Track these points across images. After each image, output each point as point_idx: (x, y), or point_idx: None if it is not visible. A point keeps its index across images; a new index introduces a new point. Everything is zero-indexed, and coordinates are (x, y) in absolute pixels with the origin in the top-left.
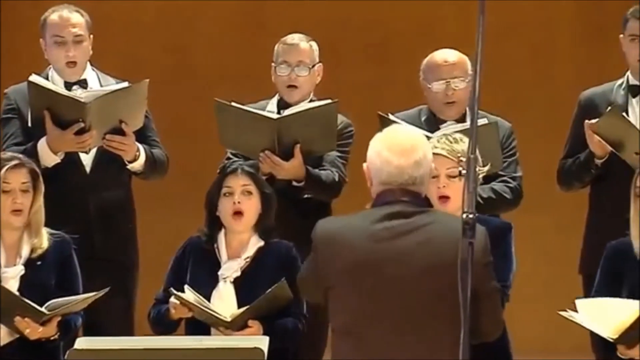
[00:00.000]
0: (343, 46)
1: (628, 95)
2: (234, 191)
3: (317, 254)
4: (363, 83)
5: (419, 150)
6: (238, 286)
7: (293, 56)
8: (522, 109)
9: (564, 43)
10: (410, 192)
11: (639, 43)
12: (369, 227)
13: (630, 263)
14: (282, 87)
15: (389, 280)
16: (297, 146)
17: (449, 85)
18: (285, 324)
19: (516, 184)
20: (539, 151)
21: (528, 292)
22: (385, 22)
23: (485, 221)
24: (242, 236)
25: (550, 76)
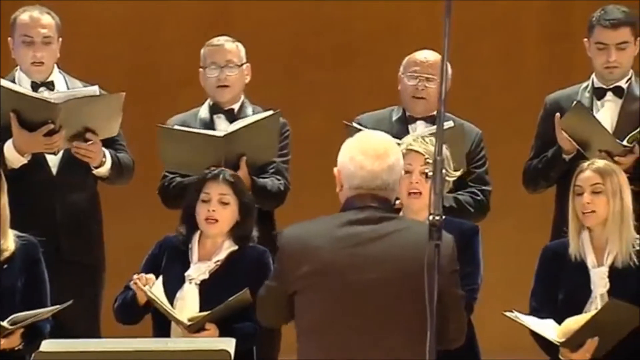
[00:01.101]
0: (309, 47)
1: (593, 98)
2: (211, 199)
3: (283, 261)
4: (329, 84)
5: (392, 155)
6: (203, 289)
7: (221, 56)
8: (489, 111)
9: (531, 45)
10: (379, 198)
11: (606, 51)
12: (337, 232)
13: (566, 265)
14: (212, 89)
15: (355, 285)
16: (242, 158)
17: (421, 81)
18: (244, 328)
19: (483, 197)
20: (505, 153)
21: (494, 293)
22: (351, 23)
23: (453, 224)
24: (216, 239)
25: (516, 78)
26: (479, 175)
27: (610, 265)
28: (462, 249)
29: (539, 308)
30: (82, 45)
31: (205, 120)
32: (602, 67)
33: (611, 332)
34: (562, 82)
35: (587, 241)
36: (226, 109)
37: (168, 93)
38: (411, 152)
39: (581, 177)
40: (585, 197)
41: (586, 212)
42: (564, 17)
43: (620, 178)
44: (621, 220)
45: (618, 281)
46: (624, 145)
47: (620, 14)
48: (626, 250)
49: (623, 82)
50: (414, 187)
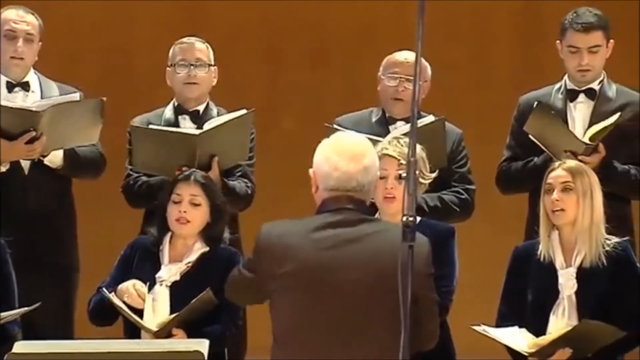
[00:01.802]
0: (283, 48)
1: (566, 100)
2: (182, 200)
3: (260, 257)
4: (304, 85)
5: (368, 156)
6: (174, 290)
7: (191, 54)
8: (461, 113)
9: (503, 47)
10: (355, 200)
11: (578, 54)
12: (313, 233)
13: (535, 266)
14: (180, 85)
15: (332, 287)
16: (214, 159)
17: (401, 82)
18: (212, 331)
19: (468, 196)
20: (478, 155)
21: (469, 295)
22: (325, 24)
23: (429, 225)
24: (187, 241)
25: (489, 80)
26: (462, 174)
27: (579, 266)
28: (437, 250)
29: (507, 312)
30: (56, 46)
31: (170, 121)
32: (574, 70)
33: (584, 346)
34: (535, 83)
35: (556, 242)
36: (191, 110)
37: (142, 94)
38: (385, 156)
39: (552, 175)
40: (554, 194)
41: (556, 209)
42: (536, 19)
43: (592, 178)
44: (591, 220)
45: (586, 282)
46: (585, 143)
47: (592, 18)
48: (595, 251)
49: (595, 84)
50: (389, 192)
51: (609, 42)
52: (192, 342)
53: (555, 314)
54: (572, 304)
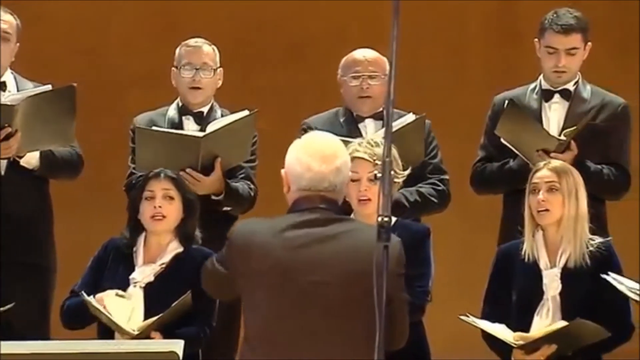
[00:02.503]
0: (258, 48)
1: (541, 100)
2: (155, 195)
3: (231, 252)
4: (279, 86)
5: (340, 156)
6: (148, 292)
7: (197, 58)
8: (437, 112)
9: (478, 46)
10: (328, 200)
11: (555, 55)
12: (285, 232)
13: (519, 266)
14: (185, 89)
15: (304, 286)
16: (217, 160)
17: (365, 80)
18: (186, 333)
19: (444, 187)
20: (453, 153)
21: (445, 292)
22: (301, 24)
23: (405, 226)
24: (161, 240)
25: (463, 79)
26: (436, 165)
27: (563, 266)
28: (413, 251)
29: (491, 312)
30: (31, 47)
31: (173, 120)
32: (550, 71)
33: (570, 344)
34: (509, 83)
35: (540, 242)
36: (195, 111)
37: (116, 94)
38: (357, 159)
39: (537, 176)
40: (540, 194)
41: (541, 210)
42: (510, 19)
43: (577, 178)
44: (576, 220)
45: (570, 283)
46: (558, 139)
47: (572, 20)
48: (580, 251)
49: (570, 84)
50: (363, 194)
51: (587, 45)
52: (168, 343)
53: (540, 315)
54: (556, 304)
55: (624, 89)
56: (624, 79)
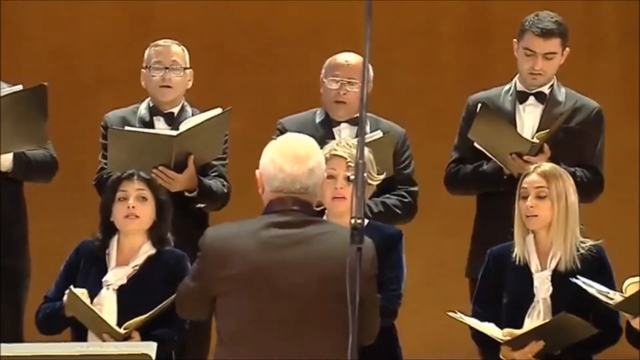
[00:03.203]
0: (231, 50)
1: (515, 102)
2: (129, 196)
3: (206, 261)
4: (252, 87)
5: (313, 158)
6: (121, 294)
7: (166, 57)
8: (410, 114)
9: (450, 47)
10: (301, 202)
11: (533, 58)
12: (261, 234)
13: (510, 268)
14: (155, 88)
15: (279, 288)
16: (190, 157)
17: (343, 85)
18: (160, 335)
19: (411, 199)
20: (426, 156)
21: (418, 295)
22: (273, 26)
23: (377, 229)
24: (134, 243)
25: (437, 81)
26: (406, 176)
27: (554, 269)
28: (386, 253)
29: (482, 312)
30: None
31: (144, 119)
32: (526, 73)
33: (558, 340)
34: (482, 84)
35: (531, 245)
36: (166, 112)
37: (88, 95)
38: (334, 156)
39: (527, 180)
40: (529, 200)
41: (530, 215)
42: (482, 20)
43: (567, 182)
44: (566, 224)
45: (560, 285)
46: (531, 142)
47: (552, 24)
48: (570, 254)
49: (546, 87)
50: (338, 192)
51: (565, 50)
52: (141, 345)
53: (531, 317)
54: (547, 307)
55: (595, 91)
56: (595, 81)
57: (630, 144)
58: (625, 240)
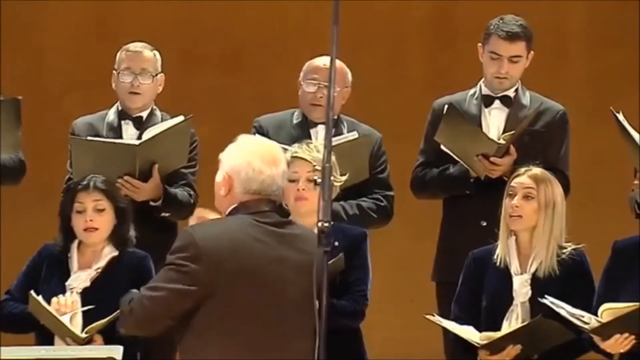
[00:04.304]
0: (196, 52)
1: (481, 105)
2: (86, 208)
3: (202, 260)
4: (218, 90)
5: (283, 161)
6: (85, 297)
7: (137, 63)
8: (375, 117)
9: (415, 50)
10: (273, 202)
11: (499, 62)
12: (253, 233)
13: (490, 271)
14: (124, 94)
15: (276, 286)
16: (155, 166)
17: (320, 89)
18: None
19: (387, 203)
20: (392, 158)
21: (382, 297)
22: (238, 30)
23: (341, 230)
24: (96, 246)
25: (401, 83)
26: (382, 180)
27: (533, 273)
28: (350, 254)
29: (461, 315)
30: None
31: (112, 125)
32: (492, 76)
33: (535, 344)
34: (446, 87)
35: (512, 247)
36: (134, 116)
37: (53, 98)
38: (297, 159)
39: (516, 181)
40: (515, 200)
41: (513, 215)
42: (447, 23)
43: (556, 189)
44: (550, 230)
45: (540, 289)
46: (497, 143)
47: (518, 28)
48: (551, 259)
49: (511, 91)
50: (300, 193)
51: (530, 54)
52: (106, 349)
53: (509, 320)
54: (525, 310)
55: (557, 94)
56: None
57: (598, 147)
58: (591, 244)
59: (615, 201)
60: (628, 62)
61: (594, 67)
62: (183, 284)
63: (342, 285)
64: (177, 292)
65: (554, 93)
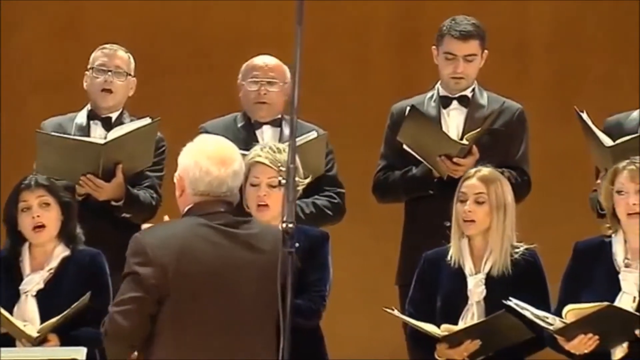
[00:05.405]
0: (159, 54)
1: (439, 107)
2: (32, 205)
3: (154, 263)
4: (182, 92)
5: (236, 160)
6: (40, 299)
7: (111, 61)
8: (338, 118)
9: (378, 51)
10: (227, 203)
11: (454, 62)
12: (204, 235)
13: (444, 271)
14: (97, 92)
15: (232, 288)
16: (118, 166)
17: (263, 85)
18: (82, 334)
19: (339, 200)
20: (355, 160)
21: (345, 298)
22: (205, 31)
23: (303, 231)
24: (47, 247)
25: (365, 85)
26: (332, 177)
27: (488, 272)
28: (311, 255)
29: (416, 315)
30: None
31: (81, 125)
32: (448, 77)
33: (494, 340)
34: (411, 90)
35: (465, 248)
36: (103, 116)
37: (18, 99)
38: (257, 164)
39: (466, 184)
40: (467, 205)
41: (467, 220)
42: (411, 24)
43: (505, 187)
44: (503, 231)
45: (494, 288)
46: (460, 143)
47: (470, 27)
48: (504, 258)
49: (468, 91)
50: (262, 199)
51: (484, 52)
52: (70, 350)
53: (464, 320)
54: (481, 309)
55: (520, 94)
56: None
57: (561, 147)
58: (555, 244)
59: (579, 201)
60: (590, 62)
61: (556, 67)
62: (142, 292)
63: (301, 285)
64: (140, 300)
65: (516, 93)
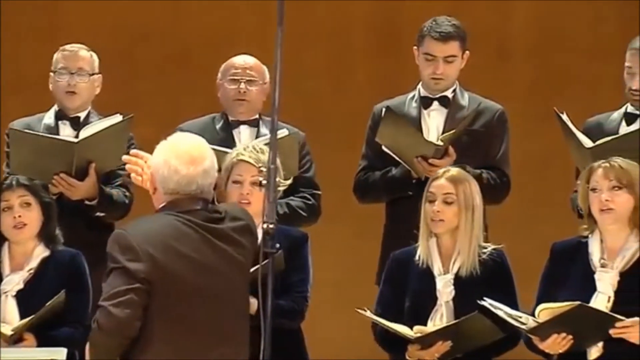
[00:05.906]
0: (140, 53)
1: (420, 107)
2: (13, 204)
3: (141, 258)
4: (161, 92)
5: (207, 159)
6: (20, 299)
7: (73, 62)
8: (319, 119)
9: (359, 52)
10: (202, 199)
11: (434, 63)
12: (178, 231)
13: (413, 272)
14: (61, 94)
15: (211, 284)
16: (92, 165)
17: (243, 83)
18: (59, 334)
19: (314, 201)
20: (335, 160)
21: (325, 297)
22: (184, 31)
23: (283, 232)
24: (26, 247)
25: (345, 86)
26: (308, 179)
27: (456, 273)
28: (291, 256)
29: (385, 316)
30: None
31: (49, 126)
32: (428, 78)
33: (465, 342)
34: (391, 91)
35: (434, 248)
36: (71, 116)
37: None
38: (241, 162)
39: (434, 185)
40: (436, 205)
41: (435, 219)
42: (393, 27)
43: (473, 187)
44: (471, 231)
45: (463, 288)
46: (435, 144)
47: (450, 28)
48: (473, 258)
49: (449, 92)
50: (244, 197)
51: (465, 53)
52: (50, 351)
53: (433, 320)
54: (449, 310)
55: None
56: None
57: (540, 148)
58: (533, 245)
59: (559, 202)
60: (571, 63)
61: (537, 68)
62: (136, 282)
63: (283, 286)
64: (136, 290)
65: (497, 94)
